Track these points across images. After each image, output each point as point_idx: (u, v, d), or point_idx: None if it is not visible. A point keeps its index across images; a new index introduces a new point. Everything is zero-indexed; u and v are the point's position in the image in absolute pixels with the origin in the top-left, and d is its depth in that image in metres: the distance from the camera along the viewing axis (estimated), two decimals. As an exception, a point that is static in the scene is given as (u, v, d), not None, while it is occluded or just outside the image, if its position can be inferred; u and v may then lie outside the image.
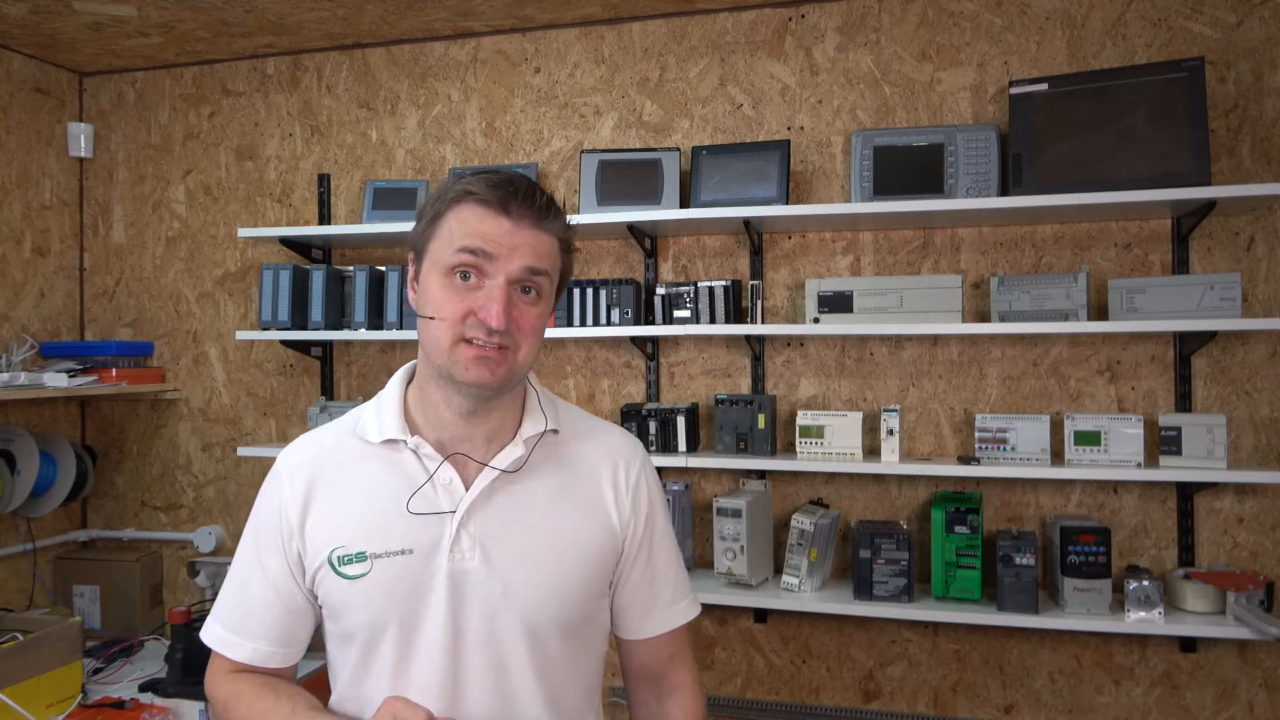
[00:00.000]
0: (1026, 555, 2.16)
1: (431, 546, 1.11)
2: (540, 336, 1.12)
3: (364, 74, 2.88)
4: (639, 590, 1.23)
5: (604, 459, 1.22)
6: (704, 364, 2.60)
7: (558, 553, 1.14)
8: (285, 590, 1.15)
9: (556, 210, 1.12)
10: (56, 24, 2.67)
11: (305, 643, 1.20)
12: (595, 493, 1.19)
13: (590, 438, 1.23)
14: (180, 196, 3.04)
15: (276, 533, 1.15)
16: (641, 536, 1.22)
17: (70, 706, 2.16)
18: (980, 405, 2.40)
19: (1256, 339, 2.24)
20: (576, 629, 1.16)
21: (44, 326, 2.97)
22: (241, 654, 1.16)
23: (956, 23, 2.44)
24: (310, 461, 1.17)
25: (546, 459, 1.18)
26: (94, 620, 2.88)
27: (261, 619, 1.16)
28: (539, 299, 1.10)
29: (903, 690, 2.44)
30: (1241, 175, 2.25)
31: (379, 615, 1.10)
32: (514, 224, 1.07)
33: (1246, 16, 2.26)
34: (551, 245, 1.11)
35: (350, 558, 1.11)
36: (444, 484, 1.13)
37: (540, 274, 1.09)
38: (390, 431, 1.14)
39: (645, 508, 1.22)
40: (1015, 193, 2.23)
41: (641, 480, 1.23)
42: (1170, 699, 2.28)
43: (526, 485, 1.15)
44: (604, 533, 1.18)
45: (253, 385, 2.97)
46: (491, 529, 1.12)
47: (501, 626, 1.11)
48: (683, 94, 2.63)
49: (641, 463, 1.25)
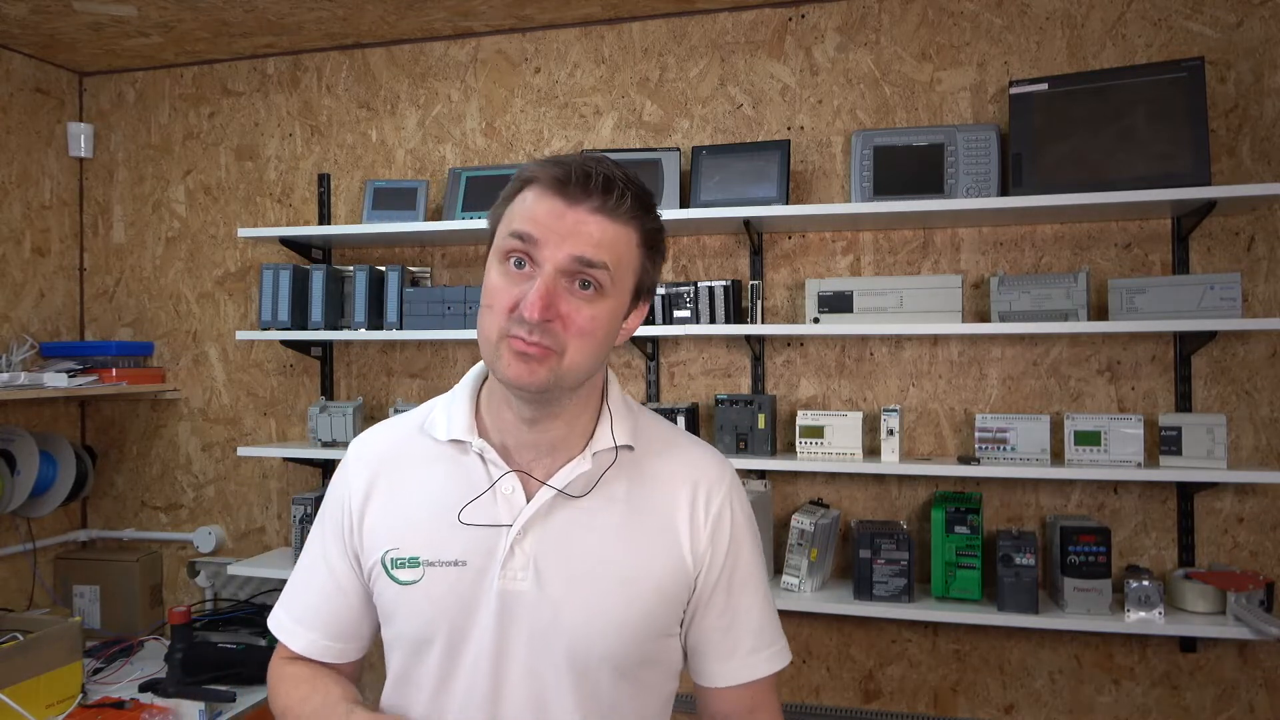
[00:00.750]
0: (1026, 555, 2.16)
1: (485, 561, 1.03)
2: (598, 340, 0.98)
3: (364, 74, 2.88)
4: (715, 634, 1.09)
5: (683, 481, 1.08)
6: (704, 364, 2.60)
7: (618, 583, 1.03)
8: (347, 584, 1.12)
9: (635, 197, 0.98)
10: (56, 24, 2.67)
11: (365, 640, 1.15)
12: (668, 519, 1.06)
13: (671, 456, 1.10)
14: (180, 196, 3.05)
15: (339, 524, 1.12)
16: (720, 573, 1.07)
17: (70, 706, 2.16)
18: (980, 405, 2.40)
19: (1256, 339, 2.24)
20: (633, 670, 1.05)
21: (44, 326, 2.97)
22: (298, 644, 1.14)
23: (956, 23, 2.44)
24: (376, 455, 1.13)
25: (618, 476, 1.06)
26: (94, 620, 2.88)
27: (319, 611, 1.13)
28: (598, 296, 0.96)
29: (903, 690, 2.44)
30: (1241, 175, 2.25)
31: (426, 627, 1.05)
32: (569, 207, 0.95)
33: (1246, 16, 2.26)
34: (618, 235, 0.97)
35: (403, 562, 1.05)
36: (505, 494, 1.04)
37: (596, 266, 0.95)
38: (457, 431, 1.07)
39: (727, 541, 1.08)
40: (1015, 193, 2.23)
41: (726, 509, 1.08)
42: (1170, 699, 2.28)
43: (592, 504, 1.05)
44: (674, 565, 1.05)
45: (253, 385, 2.97)
46: (547, 549, 1.03)
47: (548, 657, 1.02)
48: (683, 94, 2.63)
49: (729, 489, 1.10)
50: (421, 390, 2.80)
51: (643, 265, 1.01)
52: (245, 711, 2.28)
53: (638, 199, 0.98)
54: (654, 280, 1.05)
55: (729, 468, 1.12)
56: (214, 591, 2.89)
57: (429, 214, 2.74)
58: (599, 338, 0.98)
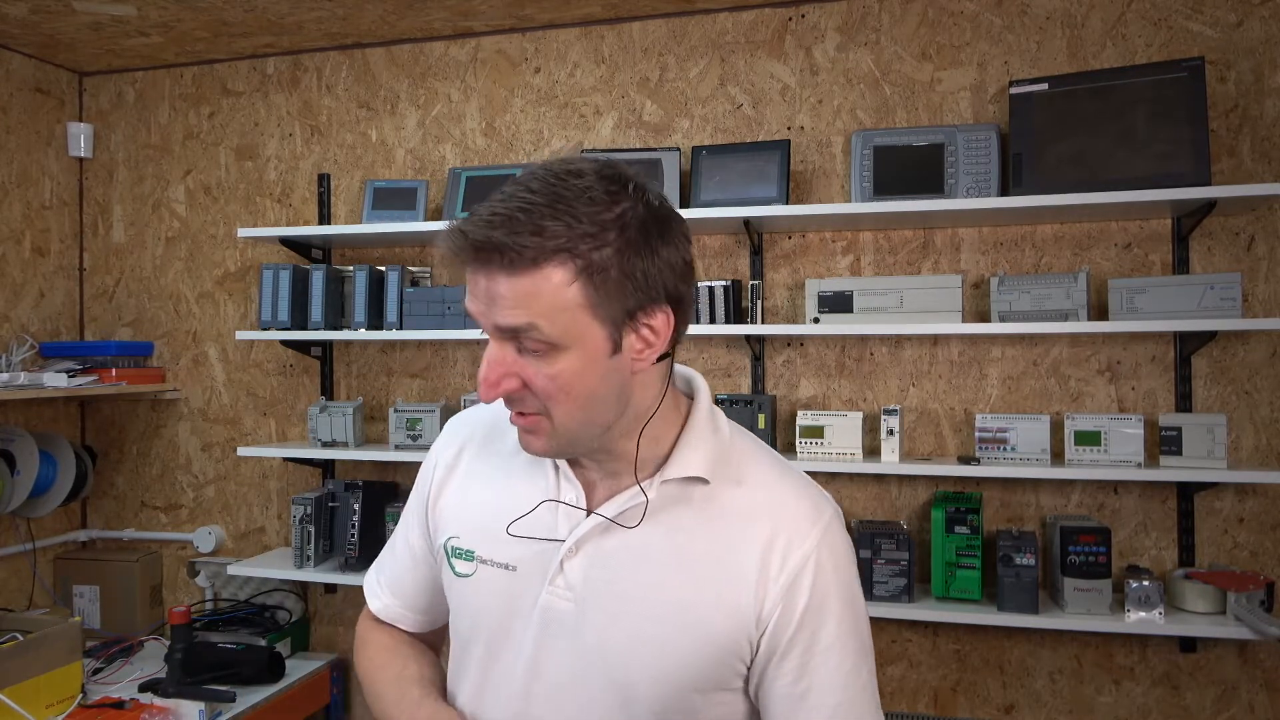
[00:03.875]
0: (1026, 555, 2.16)
1: (535, 570, 0.96)
2: (576, 395, 0.86)
3: (364, 74, 2.88)
4: (784, 703, 0.93)
5: (764, 521, 0.94)
6: (704, 364, 2.60)
7: (662, 620, 0.92)
8: (421, 559, 1.11)
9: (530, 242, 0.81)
10: (56, 24, 2.67)
11: (438, 617, 1.14)
12: (734, 560, 0.92)
13: (756, 490, 0.96)
14: (180, 196, 3.04)
15: (422, 497, 1.10)
16: (793, 636, 0.91)
17: (70, 706, 2.16)
18: (980, 405, 2.40)
19: (1257, 339, 2.24)
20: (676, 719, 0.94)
21: (44, 326, 2.97)
22: (376, 605, 1.15)
23: (956, 23, 2.44)
24: (468, 434, 1.09)
25: (687, 508, 0.95)
26: (94, 620, 2.88)
27: (401, 581, 1.14)
28: (551, 352, 0.84)
29: (903, 690, 2.44)
30: (1241, 175, 2.25)
31: (471, 623, 1.02)
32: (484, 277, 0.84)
33: (1246, 16, 2.26)
34: (534, 287, 0.82)
35: (461, 553, 1.02)
36: (568, 501, 0.97)
37: (521, 330, 0.83)
38: None
39: (805, 600, 0.91)
40: (1015, 193, 2.23)
41: (810, 564, 0.92)
42: (1170, 699, 2.28)
43: (650, 533, 0.94)
44: (731, 616, 0.92)
45: (253, 385, 2.97)
46: (596, 572, 0.94)
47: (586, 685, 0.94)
48: (683, 94, 2.63)
49: (820, 541, 0.93)
50: (421, 390, 2.80)
51: (602, 293, 0.84)
52: (245, 711, 2.28)
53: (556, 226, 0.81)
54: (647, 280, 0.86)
55: (828, 516, 0.95)
56: (214, 591, 2.89)
57: (429, 214, 2.74)
58: (577, 393, 0.86)
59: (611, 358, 0.87)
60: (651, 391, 0.93)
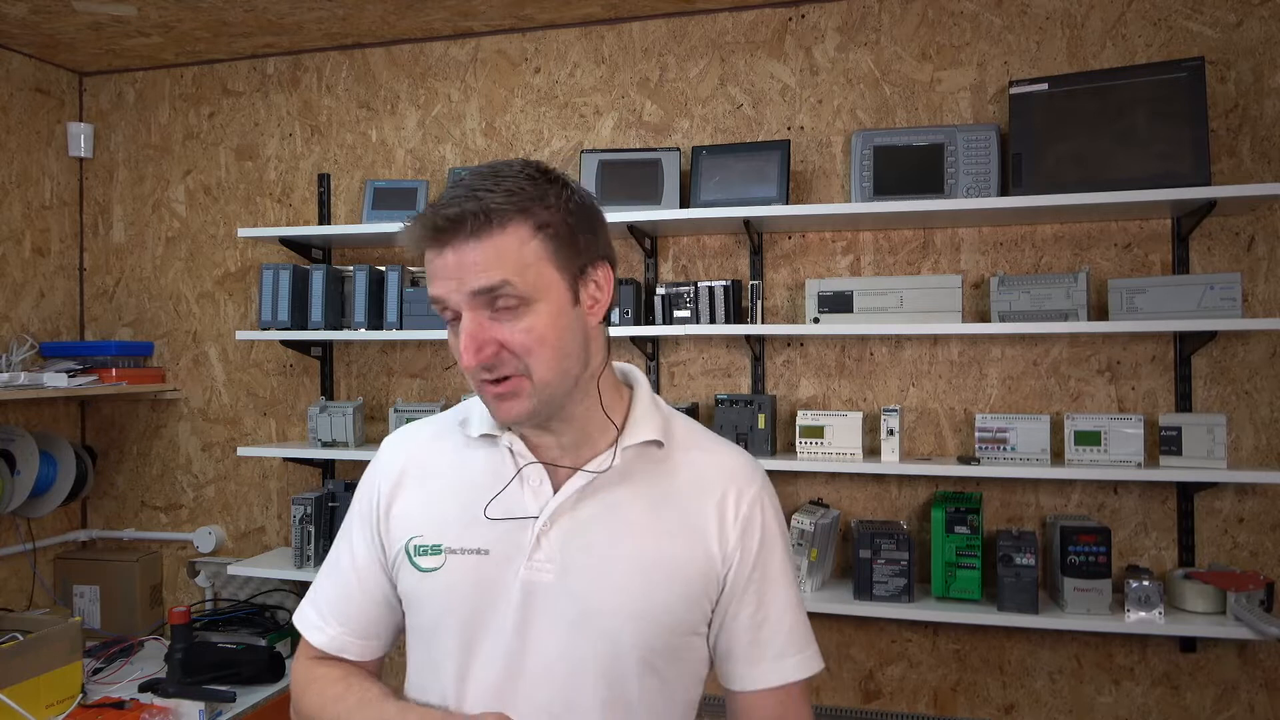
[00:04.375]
0: (1026, 555, 2.16)
1: (510, 551, 1.03)
2: (552, 345, 0.97)
3: (364, 74, 2.88)
4: (745, 634, 1.08)
5: (714, 479, 1.08)
6: (704, 364, 2.60)
7: (641, 572, 1.02)
8: (370, 579, 1.12)
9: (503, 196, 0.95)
10: (56, 24, 2.67)
11: (387, 639, 1.15)
12: (697, 514, 1.06)
13: (702, 454, 1.11)
14: (180, 196, 3.05)
15: (370, 518, 1.12)
16: (750, 573, 1.07)
17: (70, 706, 2.16)
18: (980, 405, 2.40)
19: (1256, 339, 2.24)
20: (660, 665, 1.04)
21: (44, 326, 2.97)
22: (320, 639, 1.13)
23: (956, 23, 2.44)
24: (408, 447, 1.14)
25: (646, 471, 1.07)
26: (94, 620, 2.88)
27: (345, 607, 1.13)
28: (523, 308, 0.95)
29: (903, 690, 2.44)
30: (1241, 175, 2.25)
31: (443, 614, 1.05)
32: (451, 250, 0.95)
33: (1246, 16, 2.26)
34: (500, 246, 0.94)
35: (426, 549, 1.06)
36: (532, 485, 1.05)
37: (496, 288, 0.94)
38: (488, 426, 1.08)
39: (758, 541, 1.07)
40: (1015, 193, 2.23)
41: (757, 510, 1.08)
42: (1170, 699, 2.28)
43: (619, 497, 1.05)
44: (701, 559, 1.05)
45: (253, 385, 2.97)
46: (575, 540, 1.03)
47: (577, 650, 1.01)
48: (683, 94, 2.63)
49: (759, 490, 1.10)
50: (421, 390, 2.80)
51: (557, 246, 0.97)
52: (245, 711, 2.28)
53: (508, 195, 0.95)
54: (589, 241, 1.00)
55: (761, 471, 1.12)
56: (214, 591, 2.89)
57: (429, 214, 2.73)
58: (551, 342, 0.97)
59: (573, 309, 0.99)
60: (601, 351, 1.06)
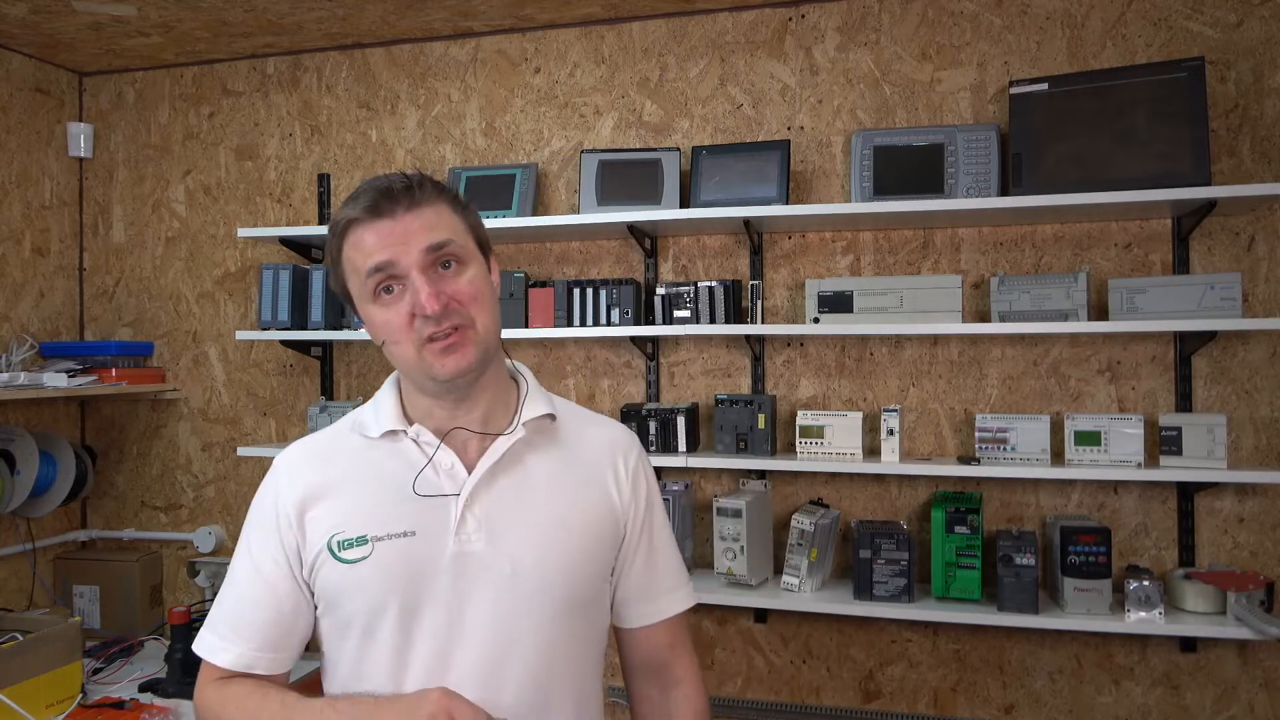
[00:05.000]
0: (1026, 555, 2.16)
1: (436, 529, 1.11)
2: (489, 300, 1.12)
3: (364, 74, 2.88)
4: (641, 576, 1.25)
5: (604, 445, 1.24)
6: (704, 364, 2.60)
7: (562, 529, 1.15)
8: (280, 588, 1.14)
9: (423, 181, 1.11)
10: (56, 24, 2.67)
11: (295, 650, 1.18)
12: (598, 474, 1.21)
13: (589, 425, 1.27)
14: (180, 196, 3.04)
15: (274, 528, 1.14)
16: (642, 521, 1.24)
17: (70, 706, 2.16)
18: (980, 405, 2.40)
19: (1257, 339, 2.24)
20: (584, 610, 1.17)
21: (44, 326, 2.97)
22: (227, 659, 1.14)
23: (956, 23, 2.44)
24: (308, 457, 1.19)
25: (548, 442, 1.20)
26: (94, 620, 2.88)
27: (251, 621, 1.14)
28: (463, 266, 1.10)
29: (903, 690, 2.44)
30: (1241, 175, 2.25)
31: (378, 598, 1.10)
32: (393, 221, 1.08)
33: (1246, 16, 2.26)
34: (437, 213, 1.10)
35: (350, 542, 1.10)
36: (445, 468, 1.13)
37: (444, 245, 1.08)
38: (389, 423, 1.16)
39: (645, 494, 1.25)
40: (1015, 193, 2.23)
41: (640, 468, 1.26)
42: (1170, 699, 2.28)
43: (529, 465, 1.17)
44: (607, 513, 1.20)
45: (253, 385, 2.97)
46: (497, 510, 1.13)
47: (511, 607, 1.11)
48: (683, 94, 2.63)
49: (639, 453, 1.27)
50: (421, 390, 2.80)
51: (470, 225, 1.14)
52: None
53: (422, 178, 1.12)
54: (485, 233, 1.18)
55: (636, 438, 1.31)
56: (214, 591, 2.89)
57: (429, 214, 2.74)
58: (488, 294, 1.12)
59: (489, 276, 1.15)
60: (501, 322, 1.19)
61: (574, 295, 2.52)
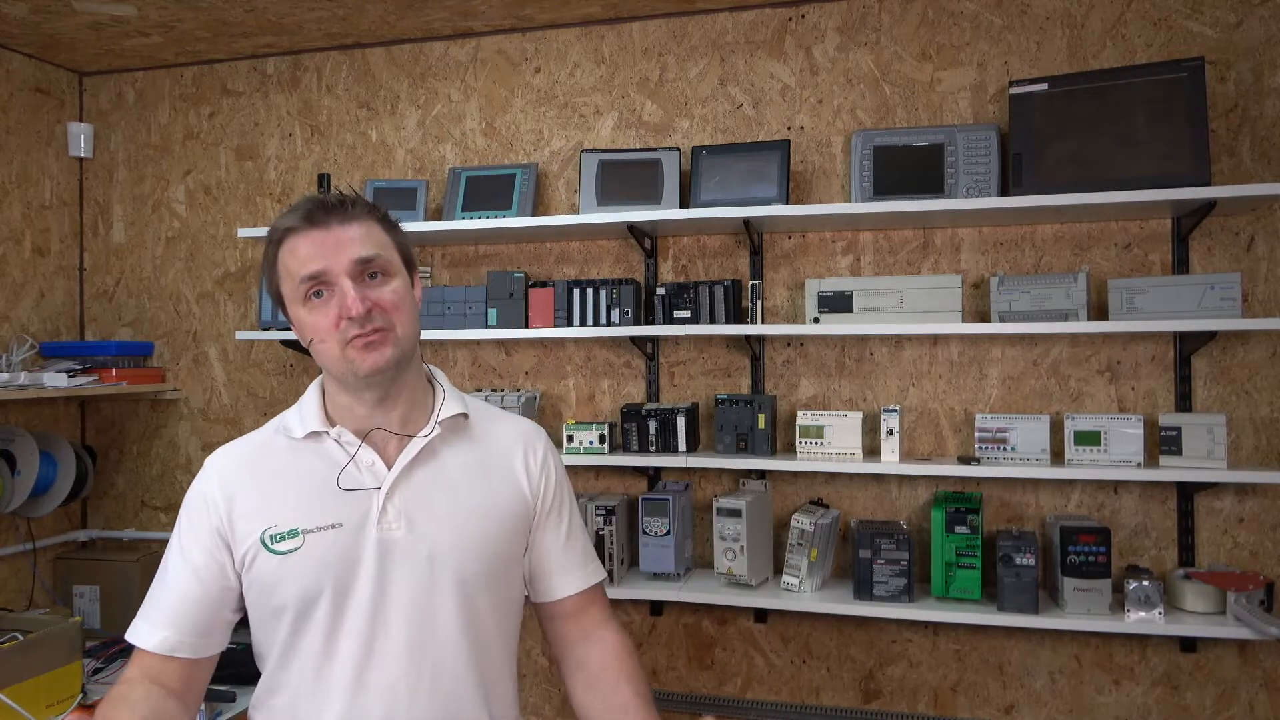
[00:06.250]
0: (1026, 555, 2.16)
1: (360, 520, 1.21)
2: (410, 310, 1.23)
3: (364, 74, 2.88)
4: (555, 550, 1.36)
5: (513, 439, 1.36)
6: (704, 364, 2.60)
7: (477, 514, 1.26)
8: (207, 577, 1.23)
9: (356, 199, 1.23)
10: (56, 24, 2.67)
11: (219, 638, 1.26)
12: (507, 465, 1.33)
13: (499, 422, 1.38)
14: (180, 196, 3.04)
15: (204, 523, 1.24)
16: (552, 502, 1.36)
17: (70, 706, 2.16)
18: (980, 405, 2.40)
19: (1256, 339, 2.24)
20: (497, 588, 1.28)
21: (44, 326, 2.97)
22: (154, 641, 1.21)
23: (956, 23, 2.44)
24: (238, 459, 1.29)
25: (461, 439, 1.31)
26: (94, 620, 2.87)
27: (176, 608, 1.22)
28: (387, 278, 1.21)
29: (903, 690, 2.44)
30: (1241, 175, 2.25)
31: (311, 585, 1.19)
32: (326, 231, 1.19)
33: (1246, 16, 2.26)
34: (367, 230, 1.21)
35: (282, 535, 1.20)
36: (367, 465, 1.24)
37: (372, 258, 1.19)
38: (312, 425, 1.26)
39: (554, 478, 1.37)
40: (1015, 193, 2.23)
41: (548, 457, 1.38)
42: (1170, 699, 2.28)
43: (444, 460, 1.28)
44: (517, 497, 1.32)
45: (253, 385, 2.97)
46: (415, 500, 1.24)
47: (431, 586, 1.22)
48: (683, 94, 2.63)
49: (546, 444, 1.39)
50: (421, 390, 2.80)
51: (397, 242, 1.26)
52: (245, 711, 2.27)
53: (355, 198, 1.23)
54: (411, 252, 1.29)
55: (544, 432, 1.42)
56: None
57: (429, 214, 2.74)
58: (409, 305, 1.23)
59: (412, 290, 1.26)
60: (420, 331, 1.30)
61: (574, 295, 2.52)
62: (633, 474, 2.61)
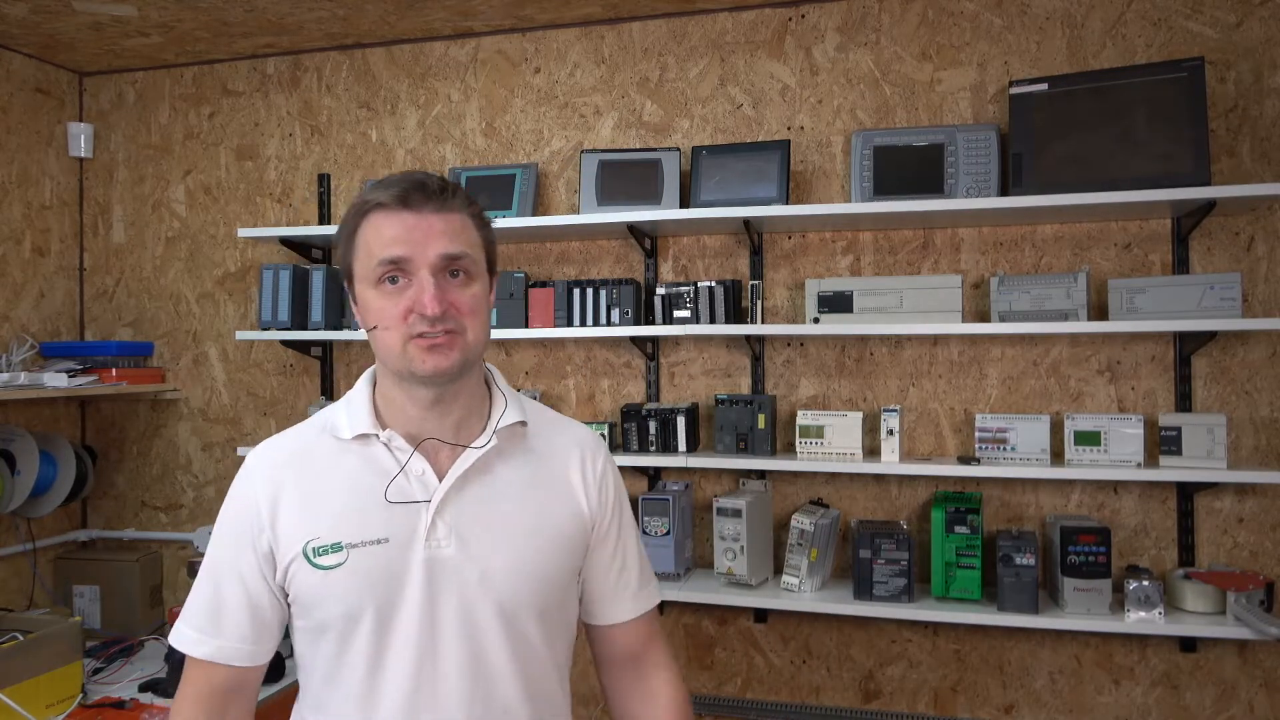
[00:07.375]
0: (1026, 555, 2.16)
1: (408, 535, 1.13)
2: (484, 316, 1.15)
3: (364, 74, 2.88)
4: (611, 575, 1.27)
5: (572, 450, 1.26)
6: (704, 364, 2.60)
7: (532, 537, 1.17)
8: (255, 587, 1.16)
9: (456, 189, 1.14)
10: (56, 24, 2.67)
11: (272, 642, 1.19)
12: (564, 480, 1.23)
13: (557, 431, 1.28)
14: (180, 196, 3.05)
15: (248, 529, 1.16)
16: (610, 522, 1.26)
17: (70, 706, 2.16)
18: (980, 405, 2.40)
19: (1256, 339, 2.24)
20: (551, 614, 1.19)
21: (44, 326, 2.97)
22: (205, 650, 1.15)
23: (956, 23, 2.44)
24: (282, 458, 1.19)
25: (516, 449, 1.22)
26: (94, 620, 2.87)
27: (227, 615, 1.16)
28: (470, 280, 1.13)
29: (903, 690, 2.44)
30: (1241, 175, 2.25)
31: (355, 604, 1.11)
32: (418, 217, 1.10)
33: (1246, 16, 2.26)
34: (462, 224, 1.13)
35: (325, 548, 1.12)
36: (417, 475, 1.15)
37: (460, 257, 1.11)
38: (362, 426, 1.16)
39: (612, 496, 1.27)
40: (1015, 193, 2.23)
41: (607, 471, 1.28)
42: (1170, 699, 2.28)
43: (499, 474, 1.19)
44: (575, 517, 1.22)
45: (253, 385, 2.97)
46: (466, 517, 1.15)
47: (478, 611, 1.13)
48: (683, 94, 2.63)
49: (605, 456, 1.30)
50: (421, 390, 2.80)
51: (486, 242, 1.17)
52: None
53: (456, 188, 1.14)
54: (495, 254, 1.20)
55: (603, 441, 1.33)
56: (214, 591, 2.88)
57: (429, 214, 2.74)
58: (484, 313, 1.15)
59: (489, 294, 1.18)
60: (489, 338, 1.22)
61: (574, 295, 2.52)
62: (633, 474, 2.62)
